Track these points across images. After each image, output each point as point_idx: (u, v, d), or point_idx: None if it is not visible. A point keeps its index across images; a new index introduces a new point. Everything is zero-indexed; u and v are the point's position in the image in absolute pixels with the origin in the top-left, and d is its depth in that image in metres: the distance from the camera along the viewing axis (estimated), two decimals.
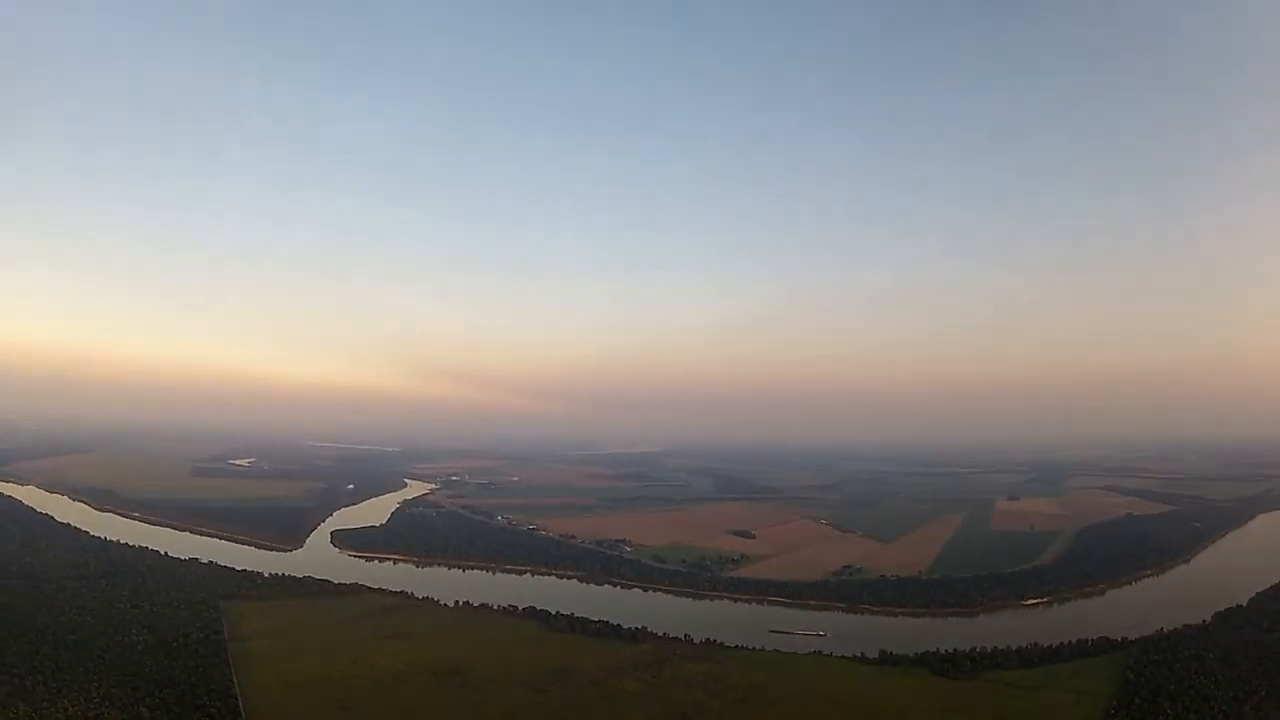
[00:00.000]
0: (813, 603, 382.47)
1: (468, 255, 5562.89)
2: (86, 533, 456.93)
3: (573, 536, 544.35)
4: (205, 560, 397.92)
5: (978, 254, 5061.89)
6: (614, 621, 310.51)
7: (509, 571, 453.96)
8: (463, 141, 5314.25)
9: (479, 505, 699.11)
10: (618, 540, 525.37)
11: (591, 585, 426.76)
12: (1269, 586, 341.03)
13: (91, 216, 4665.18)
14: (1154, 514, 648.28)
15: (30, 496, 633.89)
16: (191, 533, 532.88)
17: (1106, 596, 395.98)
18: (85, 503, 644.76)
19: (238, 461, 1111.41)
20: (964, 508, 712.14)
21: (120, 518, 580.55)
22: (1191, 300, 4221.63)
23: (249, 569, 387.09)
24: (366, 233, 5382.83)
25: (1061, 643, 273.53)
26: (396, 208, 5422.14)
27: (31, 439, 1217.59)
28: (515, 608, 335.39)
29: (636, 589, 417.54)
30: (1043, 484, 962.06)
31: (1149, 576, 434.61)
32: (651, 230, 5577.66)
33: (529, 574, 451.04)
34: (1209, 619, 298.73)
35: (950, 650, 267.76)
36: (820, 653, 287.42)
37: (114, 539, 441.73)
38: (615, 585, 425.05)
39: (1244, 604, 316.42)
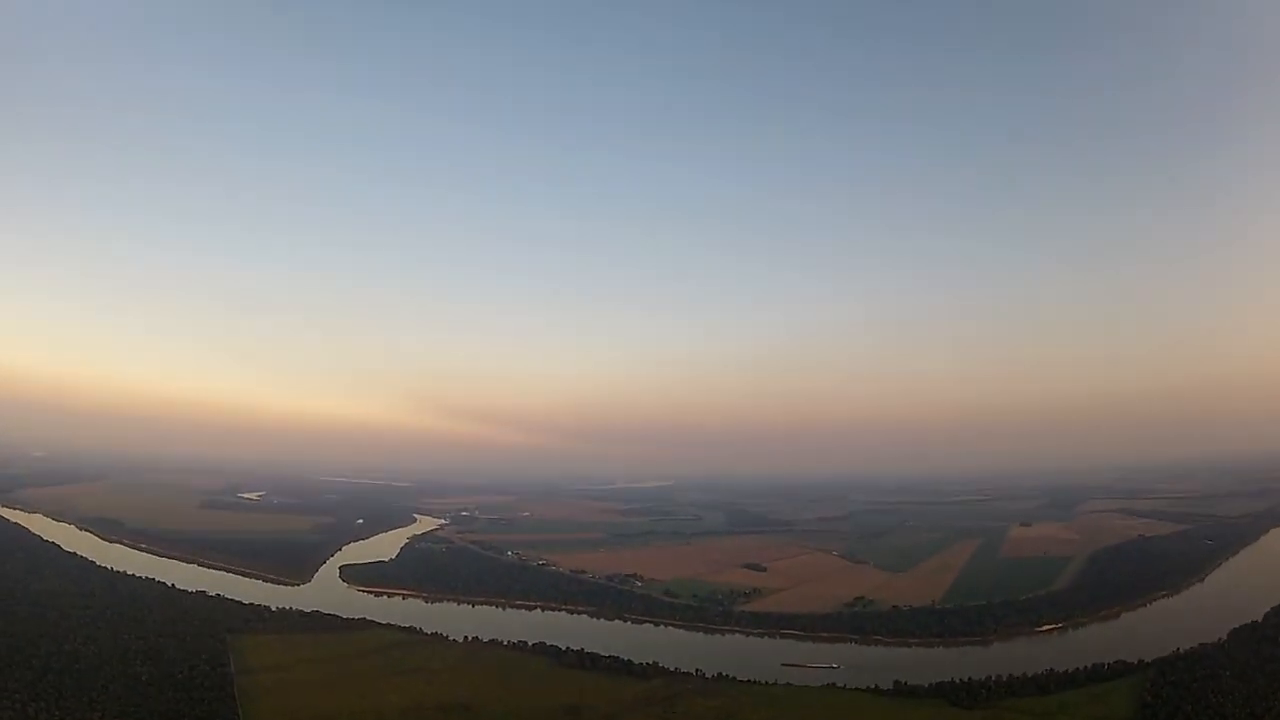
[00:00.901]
0: (825, 635, 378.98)
1: (479, 290, 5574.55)
2: (93, 562, 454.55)
3: (583, 571, 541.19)
4: (212, 593, 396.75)
5: (982, 280, 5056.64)
6: (625, 657, 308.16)
7: (519, 607, 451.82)
8: (468, 171, 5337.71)
9: (489, 540, 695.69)
10: (629, 575, 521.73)
11: (602, 620, 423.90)
12: None
13: (99, 247, 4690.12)
14: (1167, 534, 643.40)
15: (37, 524, 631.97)
16: (199, 565, 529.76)
17: (1121, 620, 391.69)
18: (92, 532, 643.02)
19: (247, 495, 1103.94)
20: (977, 535, 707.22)
21: (128, 548, 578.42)
22: (1197, 316, 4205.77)
23: (256, 602, 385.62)
24: (377, 266, 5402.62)
25: (1077, 668, 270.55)
26: (406, 242, 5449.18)
27: (39, 467, 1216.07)
28: (525, 643, 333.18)
29: (648, 624, 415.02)
30: (1055, 509, 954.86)
31: (1163, 597, 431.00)
32: (659, 264, 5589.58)
33: (539, 609, 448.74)
34: (1224, 636, 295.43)
35: (965, 679, 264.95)
36: (834, 685, 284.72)
37: (120, 569, 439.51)
38: (626, 620, 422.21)
39: (1259, 619, 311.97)
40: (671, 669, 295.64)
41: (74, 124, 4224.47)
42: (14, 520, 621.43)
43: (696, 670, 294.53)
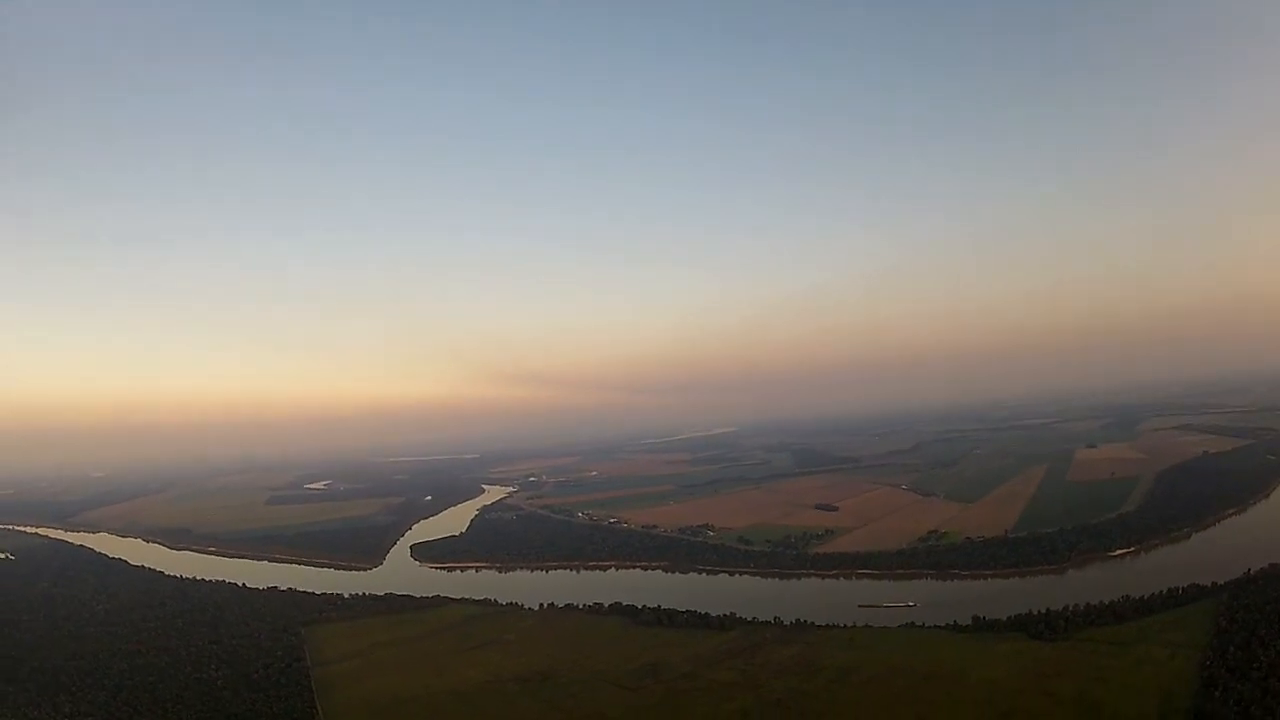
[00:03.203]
0: (900, 572, 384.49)
1: (531, 253, 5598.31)
2: (161, 573, 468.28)
3: (655, 526, 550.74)
4: (284, 588, 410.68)
5: (1028, 205, 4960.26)
6: (701, 610, 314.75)
7: (592, 568, 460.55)
8: (516, 137, 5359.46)
9: (558, 504, 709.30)
10: (700, 526, 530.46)
11: (677, 574, 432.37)
12: None
13: (125, 258, 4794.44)
14: (1230, 450, 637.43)
15: (103, 543, 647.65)
16: (270, 561, 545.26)
17: (1192, 540, 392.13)
18: (160, 543, 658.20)
19: (313, 486, 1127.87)
20: (1043, 460, 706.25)
21: (196, 554, 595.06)
22: (1244, 232, 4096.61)
23: (329, 591, 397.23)
24: (424, 243, 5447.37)
25: (1153, 593, 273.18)
26: (453, 215, 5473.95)
27: (100, 487, 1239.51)
28: (601, 605, 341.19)
29: (722, 574, 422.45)
30: (1118, 428, 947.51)
31: (1232, 516, 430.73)
32: (708, 214, 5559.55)
33: (613, 569, 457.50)
34: None
35: (1043, 611, 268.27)
36: (912, 624, 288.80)
37: (190, 576, 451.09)
38: (701, 572, 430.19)
39: None
40: (749, 619, 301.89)
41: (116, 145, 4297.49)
42: (78, 543, 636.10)
43: (774, 618, 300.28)
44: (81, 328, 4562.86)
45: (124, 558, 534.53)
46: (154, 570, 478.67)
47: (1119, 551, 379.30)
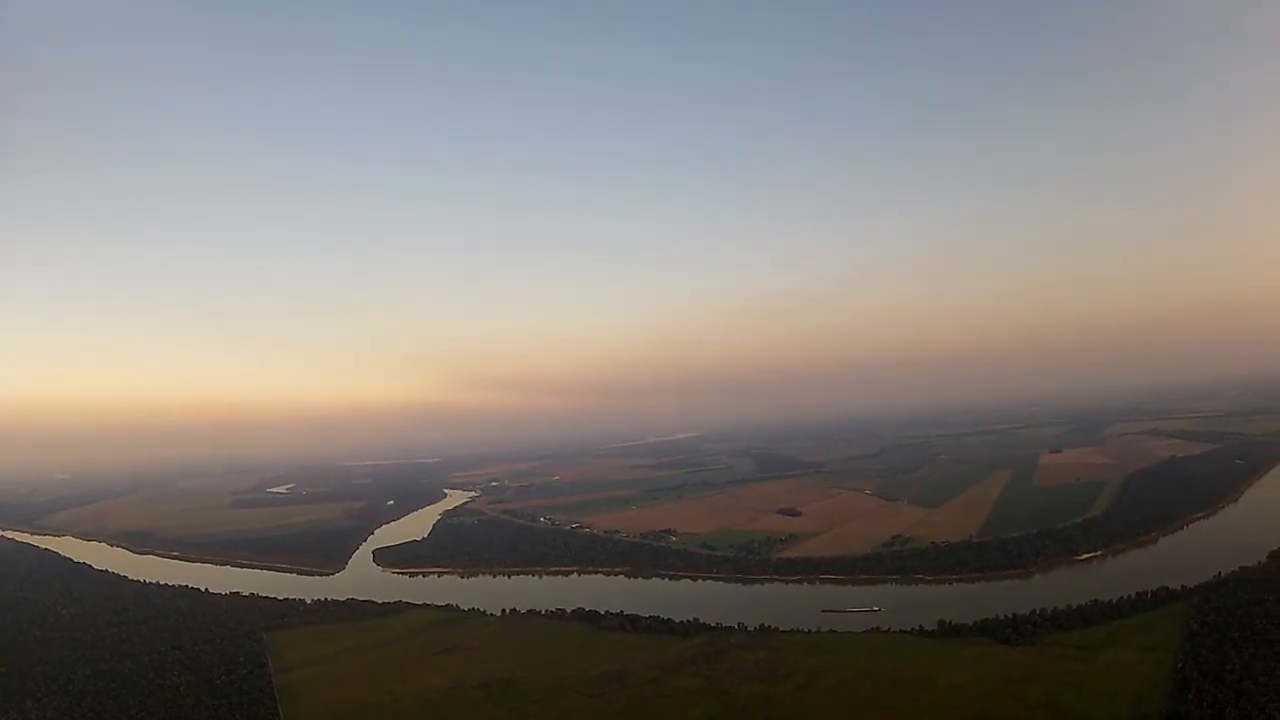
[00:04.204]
0: (865, 577, 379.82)
1: (499, 257, 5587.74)
2: (125, 577, 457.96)
3: (617, 531, 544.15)
4: (246, 593, 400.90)
5: (995, 209, 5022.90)
6: (665, 615, 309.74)
7: (555, 573, 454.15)
8: (473, 143, 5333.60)
9: (520, 509, 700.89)
10: (663, 531, 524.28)
11: (640, 580, 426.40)
12: None
13: (102, 262, 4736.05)
14: (1198, 454, 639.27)
15: (67, 547, 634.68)
16: (232, 566, 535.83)
17: (1160, 544, 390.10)
18: (123, 547, 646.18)
19: (275, 489, 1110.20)
20: (1008, 465, 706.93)
21: (160, 558, 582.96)
22: (1213, 236, 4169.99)
23: (291, 597, 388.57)
24: (390, 246, 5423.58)
25: (1121, 597, 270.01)
26: (422, 218, 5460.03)
27: (66, 490, 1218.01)
28: (564, 610, 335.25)
29: (686, 579, 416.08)
30: (1084, 434, 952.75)
31: (1200, 519, 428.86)
32: (670, 220, 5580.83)
33: (575, 574, 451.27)
34: (1264, 559, 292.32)
35: (1009, 615, 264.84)
36: (877, 629, 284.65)
37: (153, 580, 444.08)
38: (664, 577, 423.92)
39: None
40: (713, 624, 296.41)
41: (73, 121, 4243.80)
42: (44, 546, 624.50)
43: (738, 623, 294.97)
44: (44, 326, 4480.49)
45: (89, 562, 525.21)
46: (118, 575, 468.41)
47: (1086, 556, 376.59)
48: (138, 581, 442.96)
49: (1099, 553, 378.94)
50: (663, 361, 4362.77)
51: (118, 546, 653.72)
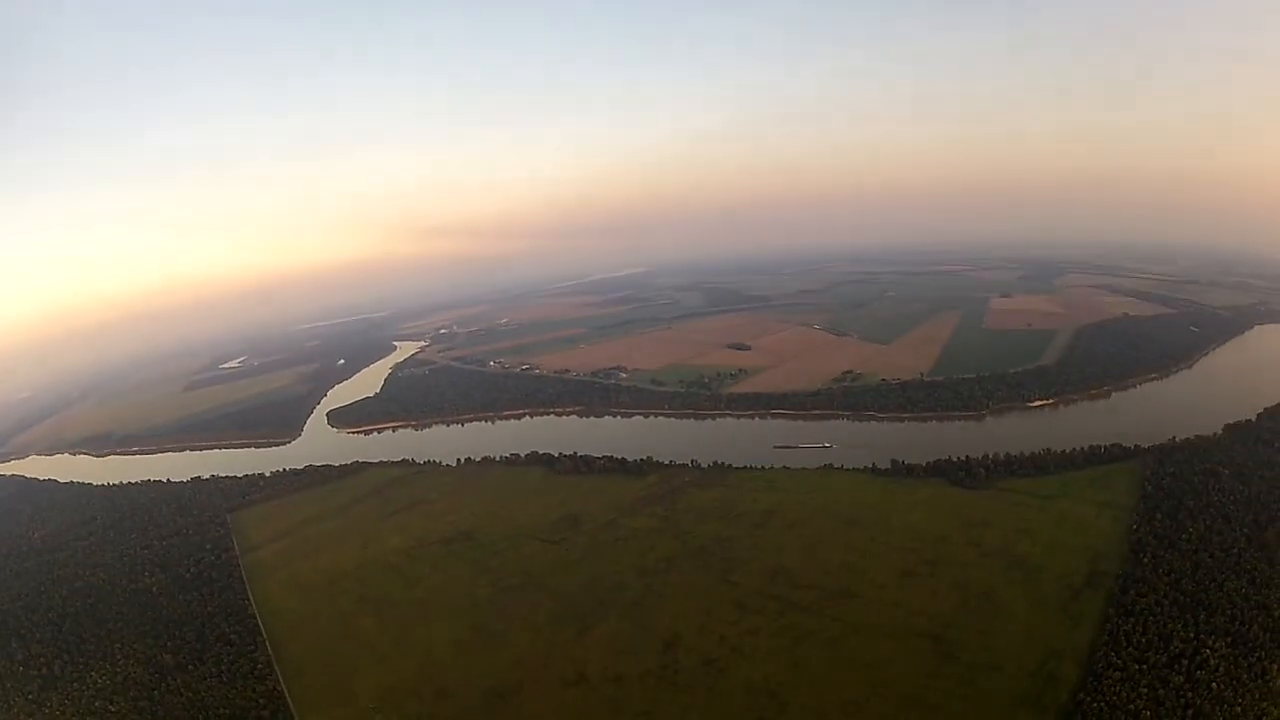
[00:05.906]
0: (816, 413, 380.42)
1: (438, 104, 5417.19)
2: (90, 484, 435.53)
3: (567, 370, 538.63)
4: (206, 476, 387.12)
5: (962, 49, 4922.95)
6: (618, 455, 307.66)
7: (508, 418, 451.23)
8: None
9: (470, 355, 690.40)
10: (613, 368, 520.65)
11: (592, 419, 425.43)
12: (1277, 403, 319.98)
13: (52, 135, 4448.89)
14: (1151, 315, 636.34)
15: (32, 467, 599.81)
16: (191, 450, 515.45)
17: (1111, 399, 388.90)
18: (86, 453, 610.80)
19: (228, 365, 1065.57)
20: (958, 306, 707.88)
21: (122, 457, 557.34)
22: (1190, 106, 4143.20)
23: (251, 473, 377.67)
24: (326, 104, 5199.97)
25: (1074, 449, 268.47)
26: (355, 72, 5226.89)
27: (26, 409, 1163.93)
28: (518, 456, 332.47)
29: (638, 416, 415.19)
30: (1035, 281, 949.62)
31: (1153, 380, 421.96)
32: (622, 53, 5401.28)
33: (528, 416, 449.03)
34: (1219, 431, 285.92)
35: (963, 458, 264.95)
36: (830, 466, 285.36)
37: (116, 481, 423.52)
38: (616, 415, 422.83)
39: (1253, 419, 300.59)
40: (666, 462, 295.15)
41: None
42: (10, 473, 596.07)
43: (692, 461, 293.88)
44: None
45: (54, 477, 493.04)
46: (82, 484, 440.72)
47: (1037, 402, 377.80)
48: (102, 486, 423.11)
49: (1050, 401, 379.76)
50: (608, 199, 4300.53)
51: (80, 454, 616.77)
